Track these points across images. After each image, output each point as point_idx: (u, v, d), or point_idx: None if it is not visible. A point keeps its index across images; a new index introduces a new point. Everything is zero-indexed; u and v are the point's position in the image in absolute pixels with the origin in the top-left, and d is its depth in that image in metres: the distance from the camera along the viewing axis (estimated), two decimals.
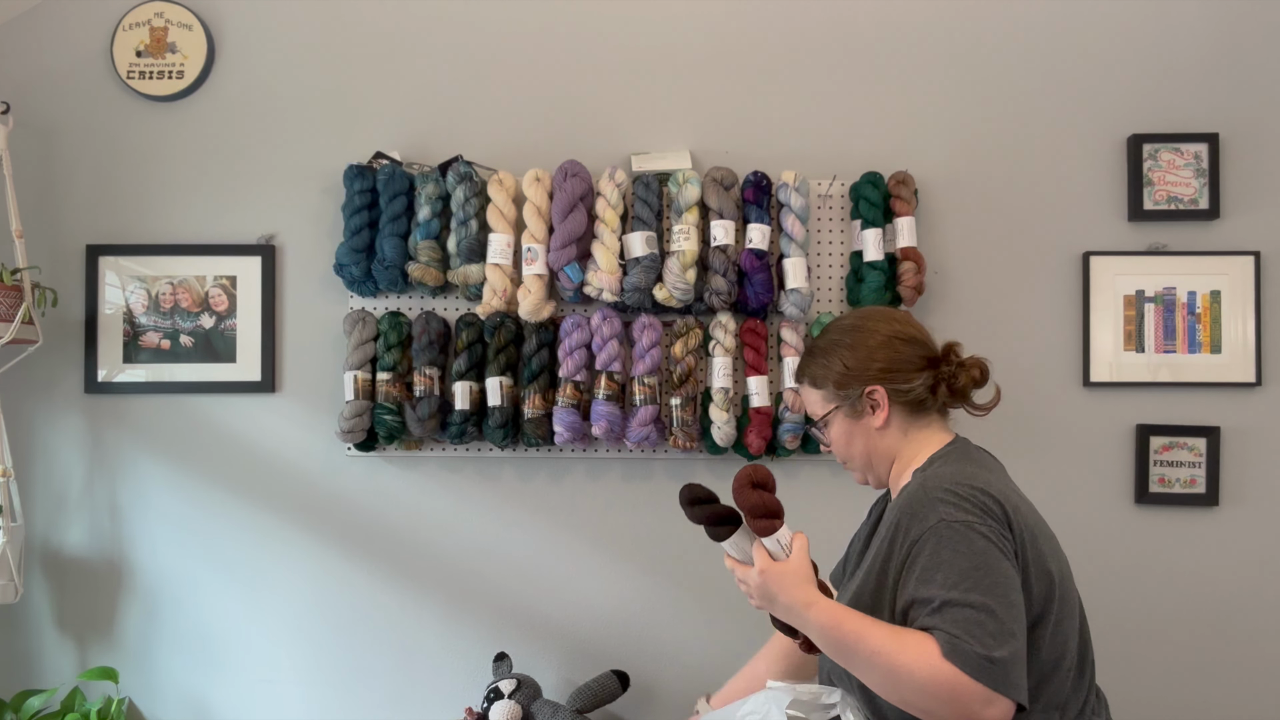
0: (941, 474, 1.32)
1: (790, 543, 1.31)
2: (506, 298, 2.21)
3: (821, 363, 1.46)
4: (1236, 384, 2.30)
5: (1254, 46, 2.34)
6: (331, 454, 2.35)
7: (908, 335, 1.42)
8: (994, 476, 1.34)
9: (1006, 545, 1.22)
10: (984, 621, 1.15)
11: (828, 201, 2.34)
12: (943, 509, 1.24)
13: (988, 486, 1.27)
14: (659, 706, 2.34)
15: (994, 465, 1.43)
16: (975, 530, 1.21)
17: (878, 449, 1.44)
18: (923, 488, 1.29)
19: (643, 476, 2.36)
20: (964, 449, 1.41)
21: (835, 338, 1.46)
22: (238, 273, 2.35)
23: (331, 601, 2.36)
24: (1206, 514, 2.32)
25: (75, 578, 2.36)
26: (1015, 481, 1.42)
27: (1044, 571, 1.27)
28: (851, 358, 1.42)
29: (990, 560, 1.19)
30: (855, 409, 1.43)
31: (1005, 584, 1.18)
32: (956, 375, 1.40)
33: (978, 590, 1.17)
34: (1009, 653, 1.14)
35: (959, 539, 1.21)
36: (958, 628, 1.15)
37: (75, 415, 2.36)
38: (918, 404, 1.41)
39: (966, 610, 1.16)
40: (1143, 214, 2.32)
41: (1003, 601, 1.17)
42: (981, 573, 1.18)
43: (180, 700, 2.36)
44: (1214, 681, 2.32)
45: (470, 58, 2.38)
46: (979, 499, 1.24)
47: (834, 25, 2.38)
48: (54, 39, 2.38)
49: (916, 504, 1.28)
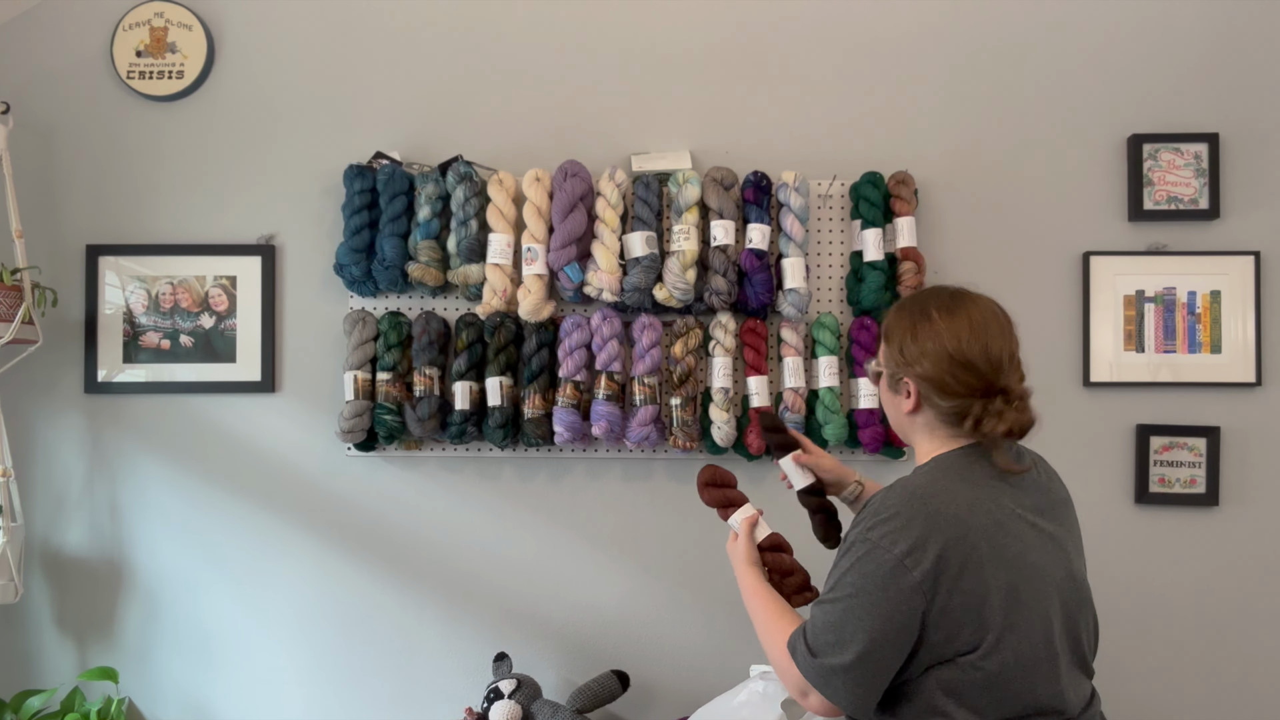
0: (908, 484, 1.33)
1: (740, 523, 1.60)
2: (506, 298, 2.21)
3: (893, 326, 1.43)
4: (1236, 384, 2.30)
5: (1254, 46, 2.34)
6: (331, 454, 2.35)
7: (967, 360, 1.33)
8: (970, 493, 1.30)
9: (904, 577, 1.23)
10: (832, 625, 1.27)
11: (828, 201, 2.34)
12: (869, 522, 1.29)
13: (943, 507, 1.26)
14: (659, 706, 2.34)
15: (987, 479, 1.34)
16: (880, 549, 1.25)
17: (902, 427, 1.46)
18: (885, 493, 1.33)
19: (643, 476, 2.36)
20: (964, 457, 1.36)
21: (913, 316, 1.40)
22: (238, 273, 2.35)
23: (331, 601, 2.36)
24: (1206, 514, 2.32)
25: (75, 578, 2.36)
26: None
27: (979, 603, 1.23)
28: (910, 347, 1.38)
29: (871, 584, 1.25)
30: (894, 383, 1.42)
31: (873, 608, 1.24)
32: (991, 420, 1.33)
33: (843, 600, 1.27)
34: (837, 661, 1.25)
35: (861, 555, 1.27)
36: (811, 625, 1.31)
37: (75, 415, 2.36)
38: (948, 416, 1.38)
39: (823, 608, 1.30)
40: (1143, 214, 2.32)
41: (856, 617, 1.25)
42: (858, 587, 1.26)
43: (180, 700, 2.36)
44: (1214, 681, 2.32)
45: (470, 58, 2.38)
46: (913, 519, 1.25)
47: (834, 25, 2.38)
48: (54, 39, 2.38)
49: (872, 504, 1.33)
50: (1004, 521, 1.29)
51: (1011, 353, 1.37)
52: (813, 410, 2.26)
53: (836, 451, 2.30)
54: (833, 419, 2.22)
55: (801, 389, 2.25)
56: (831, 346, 2.25)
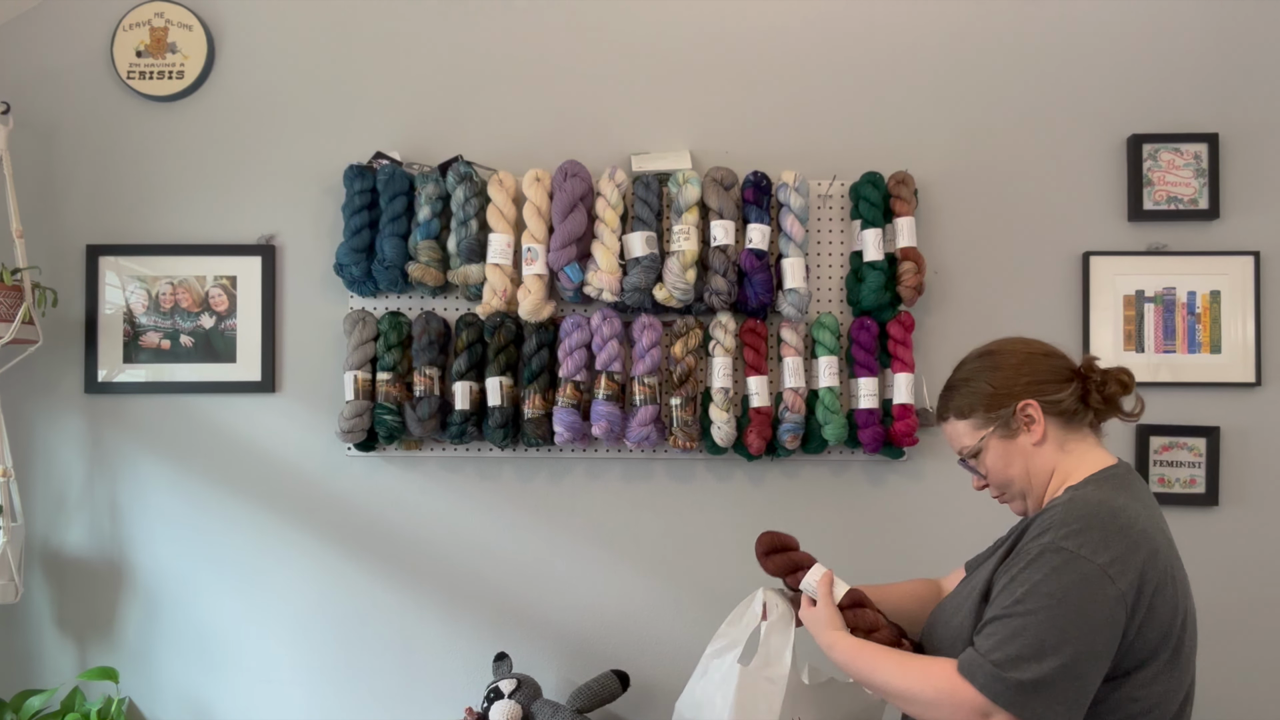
0: (1089, 497, 1.28)
1: (815, 586, 1.49)
2: (506, 298, 2.21)
3: (964, 392, 1.42)
4: (1236, 384, 2.30)
5: (1254, 46, 2.34)
6: (331, 454, 2.36)
7: (1044, 349, 1.42)
8: (1146, 511, 1.29)
9: (1108, 587, 1.18)
10: (1020, 633, 1.17)
11: (828, 201, 2.34)
12: (1059, 533, 1.22)
13: (1134, 521, 1.24)
14: (659, 706, 2.33)
15: (1148, 499, 1.36)
16: (1081, 559, 1.19)
17: (1036, 467, 1.38)
18: (1066, 506, 1.27)
19: (643, 476, 2.36)
20: (1125, 475, 1.36)
21: (973, 367, 1.44)
22: (238, 273, 2.35)
23: (331, 601, 2.36)
24: (1206, 514, 2.32)
25: (75, 578, 2.36)
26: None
27: (1165, 619, 1.23)
28: (997, 378, 1.39)
29: (1074, 593, 1.18)
30: (1009, 428, 1.38)
31: (1076, 618, 1.17)
32: (1106, 383, 1.38)
33: (1040, 611, 1.18)
34: (1033, 675, 1.15)
35: (1059, 564, 1.20)
36: (987, 641, 1.20)
37: (75, 415, 2.36)
38: (1070, 414, 1.38)
39: (1008, 621, 1.19)
40: (1143, 214, 2.32)
41: (1058, 627, 1.16)
42: (1059, 595, 1.18)
43: (180, 700, 2.36)
44: (1213, 681, 2.31)
45: (470, 58, 2.38)
46: (1110, 532, 1.21)
47: (834, 25, 2.38)
48: (54, 39, 2.38)
49: (1051, 518, 1.26)
50: (1172, 541, 1.33)
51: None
52: (813, 410, 2.26)
53: (836, 451, 2.30)
54: (832, 419, 2.22)
55: (801, 389, 2.25)
56: (831, 347, 2.25)
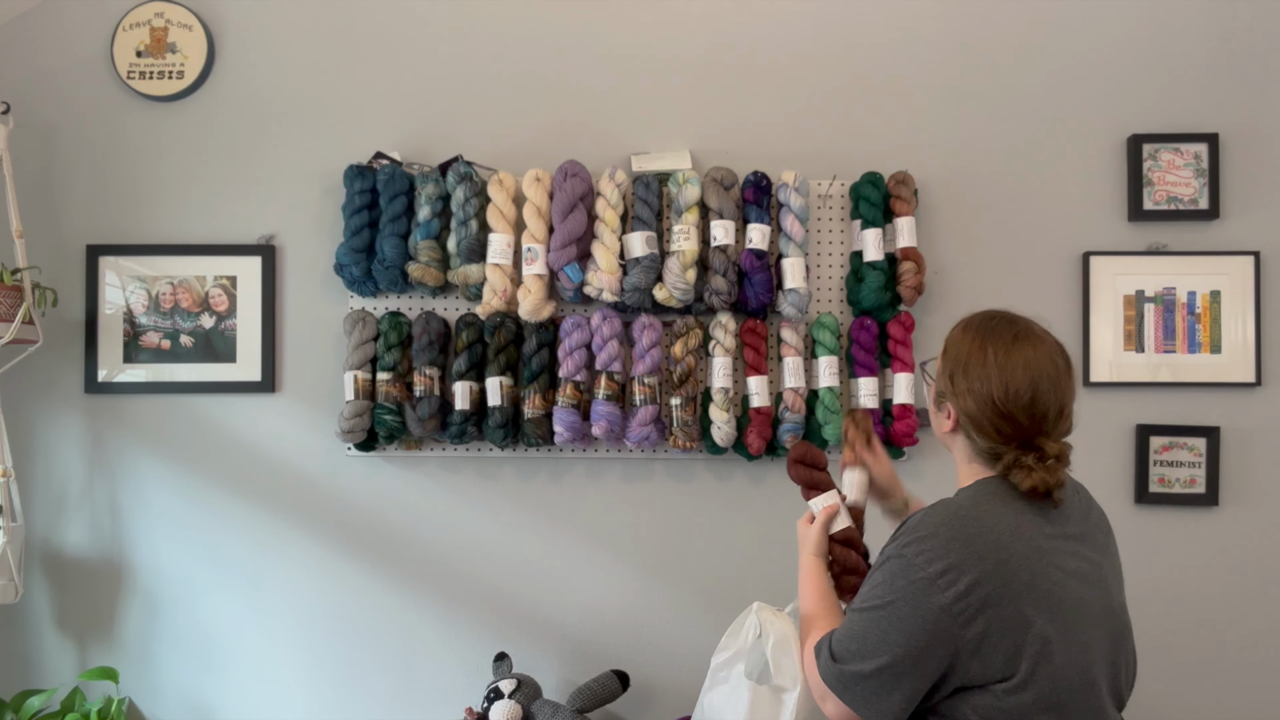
0: (950, 504, 1.32)
1: (819, 510, 1.58)
2: (506, 298, 2.21)
3: (952, 346, 1.39)
4: (1236, 384, 2.30)
5: (1254, 46, 2.34)
6: (331, 454, 2.36)
7: (1009, 412, 1.30)
8: (1013, 521, 1.27)
9: (936, 596, 1.22)
10: (853, 629, 1.29)
11: (828, 201, 2.34)
12: (906, 539, 1.28)
13: (985, 532, 1.25)
14: (659, 706, 2.34)
15: (1025, 507, 1.31)
16: (914, 567, 1.25)
17: (942, 439, 1.45)
18: (926, 512, 1.32)
19: (643, 476, 2.36)
20: (1005, 487, 1.33)
21: (971, 347, 1.36)
22: (238, 273, 2.35)
23: (332, 601, 2.36)
24: (1206, 514, 2.32)
25: (75, 578, 2.36)
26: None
27: (1016, 631, 1.21)
28: (960, 380, 1.35)
29: (900, 599, 1.25)
30: (939, 401, 1.42)
31: (899, 623, 1.24)
32: (1019, 472, 1.30)
33: (870, 611, 1.28)
34: (857, 669, 1.26)
35: (895, 570, 1.27)
36: (839, 630, 1.33)
37: (75, 415, 2.36)
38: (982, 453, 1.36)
39: (851, 615, 1.32)
40: (1143, 214, 2.32)
41: (881, 629, 1.26)
42: (887, 601, 1.26)
43: (180, 700, 2.36)
44: (1213, 681, 2.32)
45: (470, 58, 2.38)
46: (954, 541, 1.24)
47: (833, 26, 2.38)
48: (54, 39, 2.38)
49: (911, 522, 1.32)
50: (1046, 549, 1.27)
51: (1062, 406, 1.31)
52: (813, 410, 2.26)
53: (837, 451, 2.30)
54: (833, 419, 2.22)
55: (801, 389, 2.25)
56: (831, 346, 2.25)
